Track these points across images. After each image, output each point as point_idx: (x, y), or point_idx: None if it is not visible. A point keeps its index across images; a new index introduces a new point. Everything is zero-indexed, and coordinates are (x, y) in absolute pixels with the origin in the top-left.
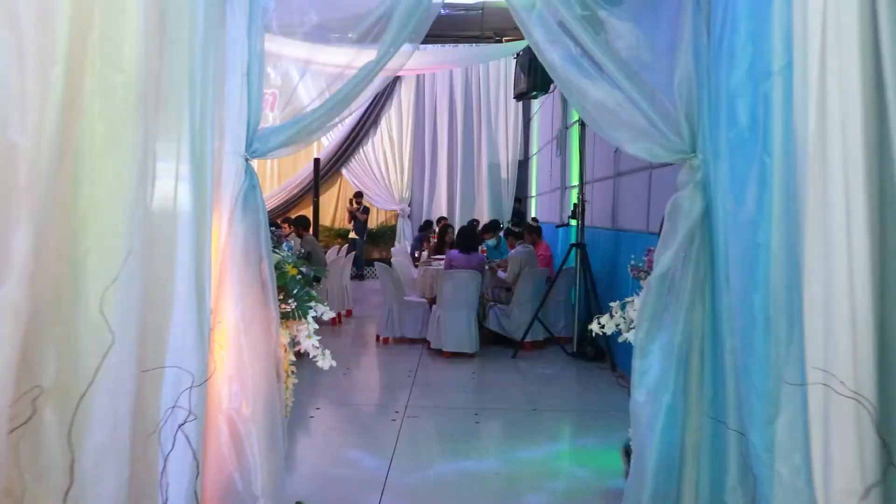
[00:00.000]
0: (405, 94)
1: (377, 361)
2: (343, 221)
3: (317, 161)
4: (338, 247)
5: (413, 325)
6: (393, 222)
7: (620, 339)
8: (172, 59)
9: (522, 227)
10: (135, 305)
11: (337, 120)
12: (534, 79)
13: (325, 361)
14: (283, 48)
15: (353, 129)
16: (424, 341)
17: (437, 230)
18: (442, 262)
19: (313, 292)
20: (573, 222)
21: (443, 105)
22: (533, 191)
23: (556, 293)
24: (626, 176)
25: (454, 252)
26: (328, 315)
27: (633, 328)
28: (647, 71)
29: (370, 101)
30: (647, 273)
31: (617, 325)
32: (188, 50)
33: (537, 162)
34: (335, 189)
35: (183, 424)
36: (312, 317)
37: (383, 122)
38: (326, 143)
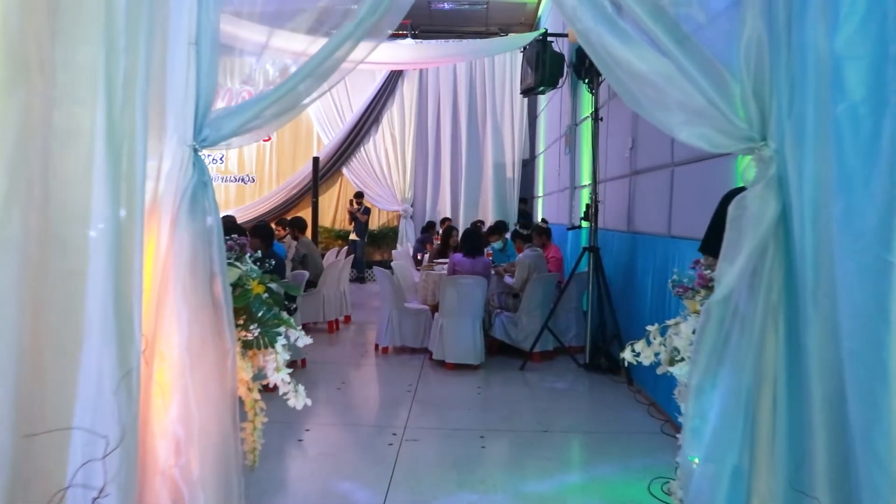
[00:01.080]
0: (408, 90)
1: (375, 373)
2: (343, 222)
3: (316, 160)
4: (337, 249)
5: (414, 333)
6: (395, 223)
7: (659, 371)
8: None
9: (531, 230)
10: (4, 349)
11: (294, 111)
12: (541, 73)
13: (297, 400)
14: (241, 31)
15: (354, 126)
16: (426, 351)
17: (440, 232)
18: (445, 266)
19: (284, 315)
20: (585, 224)
21: (446, 102)
22: (539, 190)
23: (566, 300)
24: (644, 174)
25: (458, 256)
26: (303, 341)
27: (679, 360)
28: (702, 33)
29: (372, 97)
30: (695, 291)
31: (656, 355)
32: None
33: (544, 161)
34: (335, 189)
35: None
36: (283, 345)
37: (385, 120)
38: (327, 142)
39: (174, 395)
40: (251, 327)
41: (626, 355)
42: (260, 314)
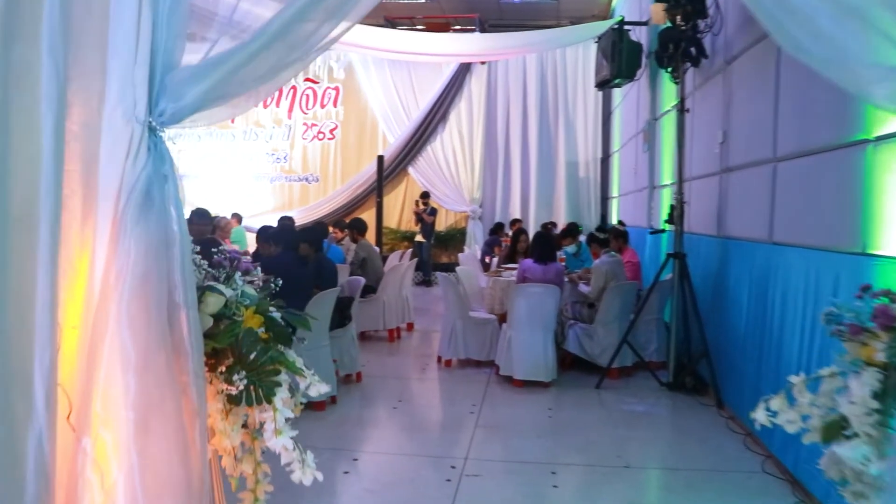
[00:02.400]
0: (476, 86)
1: (436, 390)
2: (409, 223)
3: (380, 158)
4: (400, 252)
5: (479, 345)
6: (462, 224)
7: (807, 441)
8: None
9: (608, 234)
10: None
11: (266, 83)
12: (618, 64)
13: (304, 473)
14: None
15: (421, 124)
16: (492, 364)
17: (510, 234)
18: (513, 272)
19: (290, 354)
20: (667, 227)
21: (516, 98)
22: (614, 191)
23: (647, 310)
24: (738, 171)
25: (528, 262)
26: (320, 391)
27: (853, 435)
28: None
29: (438, 94)
30: (873, 334)
31: (804, 420)
32: None
33: (619, 159)
34: (401, 189)
35: None
36: (284, 398)
37: (452, 117)
38: (392, 140)
39: (117, 479)
40: (235, 377)
41: (759, 416)
42: (252, 356)
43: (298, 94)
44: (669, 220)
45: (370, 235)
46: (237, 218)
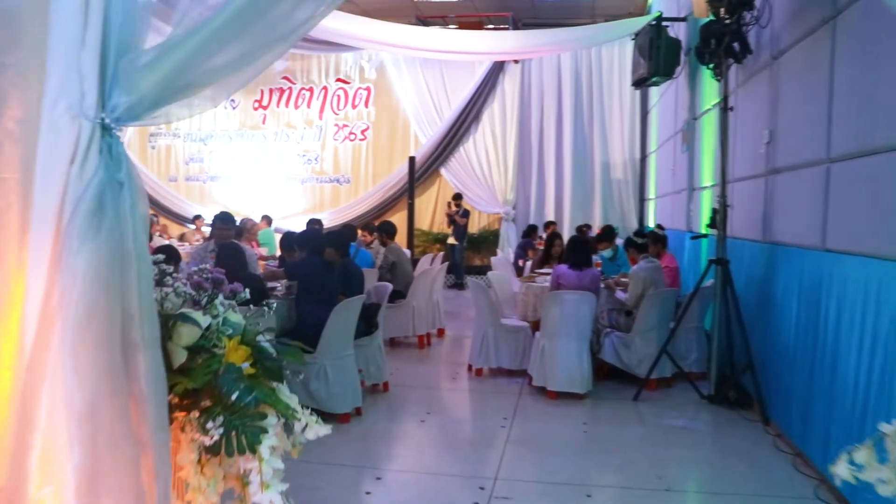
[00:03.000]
0: (509, 85)
1: (466, 401)
2: (441, 225)
3: (412, 159)
4: (431, 255)
5: (512, 353)
6: (496, 226)
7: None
8: None
9: (647, 238)
10: None
11: (240, 72)
12: (655, 62)
13: None
14: None
15: (453, 125)
16: (525, 374)
17: (543, 236)
18: (548, 277)
19: (283, 391)
20: (709, 232)
21: (550, 97)
22: (651, 192)
23: (687, 319)
24: (786, 173)
25: (562, 268)
26: (316, 432)
27: None
28: None
29: (471, 94)
30: None
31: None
32: None
33: (656, 160)
34: (433, 190)
35: None
36: (272, 446)
37: (485, 117)
38: (424, 141)
39: None
40: (210, 423)
41: (841, 471)
42: (234, 396)
43: (330, 94)
44: (711, 224)
45: (401, 238)
46: (267, 220)
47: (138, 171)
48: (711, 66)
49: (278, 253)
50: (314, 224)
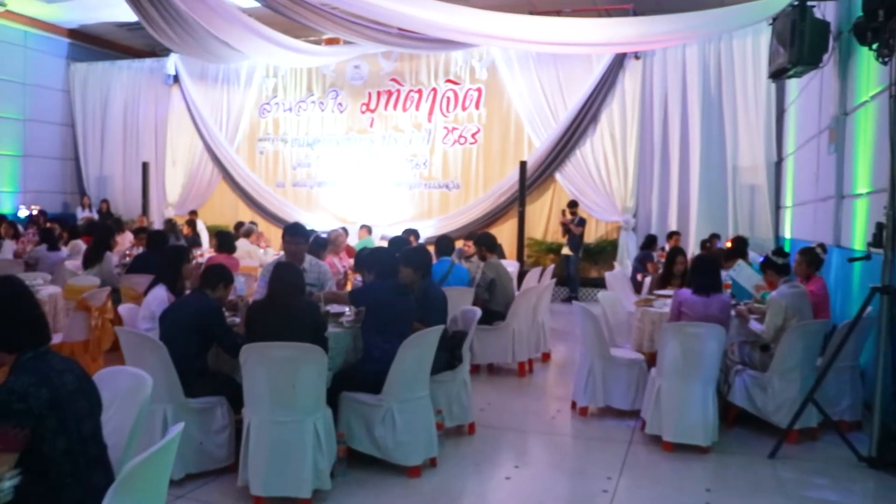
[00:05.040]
0: (629, 83)
1: (564, 451)
2: (556, 234)
3: (523, 164)
4: (540, 269)
5: (623, 390)
6: (614, 236)
7: None
8: None
9: (810, 255)
10: None
11: None
12: (798, 48)
13: None
14: None
15: (569, 126)
16: (637, 415)
17: (665, 248)
18: (668, 300)
19: None
20: (867, 250)
21: (675, 95)
22: (788, 200)
23: (839, 356)
24: None
25: (685, 293)
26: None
27: None
28: None
29: (588, 93)
30: None
31: None
32: None
33: (794, 163)
34: (547, 197)
35: None
36: None
37: (604, 118)
38: (538, 144)
39: None
40: None
41: None
42: None
43: (439, 96)
44: (875, 243)
45: (510, 248)
46: (366, 229)
47: None
48: (875, 45)
49: None
50: (409, 234)
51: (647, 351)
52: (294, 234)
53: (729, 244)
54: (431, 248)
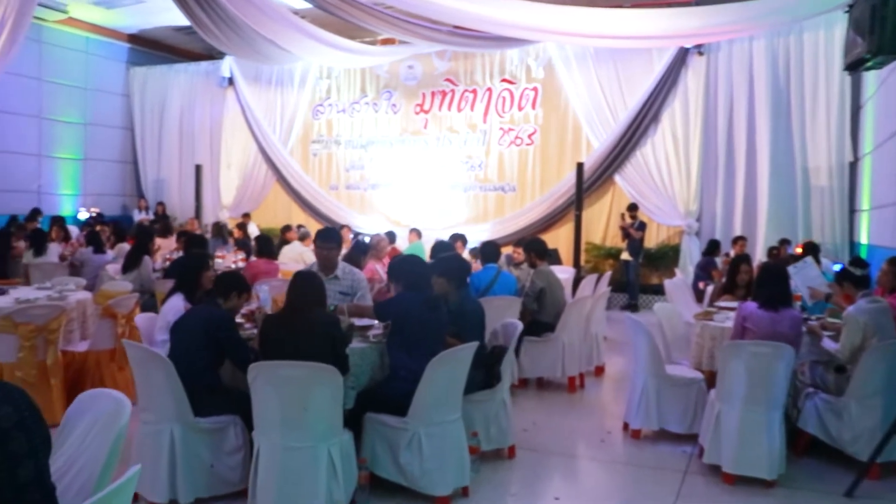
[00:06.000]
0: (692, 81)
1: (613, 480)
2: (615, 239)
3: (580, 166)
4: (595, 276)
5: (680, 412)
6: (676, 241)
7: None
8: None
9: (865, 269)
10: None
11: None
12: (878, 36)
13: None
14: None
15: (629, 126)
16: (695, 440)
17: (730, 254)
18: (731, 313)
19: None
20: None
21: (741, 92)
22: (864, 203)
23: None
24: None
25: (751, 307)
26: None
27: None
28: None
29: (650, 91)
30: None
31: None
32: None
33: (872, 164)
34: (606, 199)
35: None
36: None
37: (665, 118)
38: (597, 145)
39: None
40: None
41: None
42: None
43: (494, 96)
44: None
45: (567, 253)
46: (416, 233)
47: None
48: None
49: None
50: (455, 240)
51: (707, 369)
52: (326, 238)
53: (799, 250)
54: None
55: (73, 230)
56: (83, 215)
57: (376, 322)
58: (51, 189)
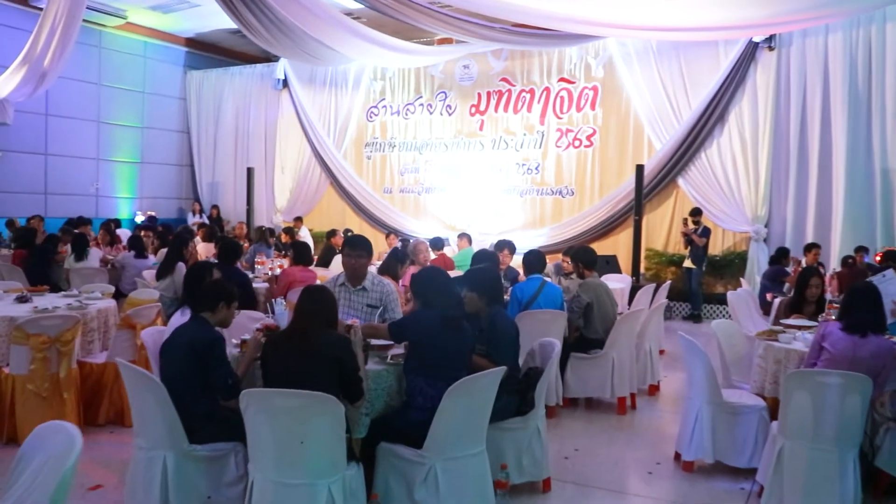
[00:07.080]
0: (761, 78)
1: None
2: (678, 245)
3: (639, 169)
4: (653, 286)
5: (737, 444)
6: (742, 248)
7: None
8: None
9: None
10: None
11: None
12: None
13: None
14: None
15: (693, 127)
16: (754, 476)
17: (804, 262)
18: (797, 331)
19: None
20: None
21: (814, 89)
22: None
23: None
24: None
25: (832, 327)
26: None
27: None
28: None
29: (715, 89)
30: None
31: None
32: None
33: None
34: (669, 204)
35: None
36: None
37: (732, 117)
38: (659, 147)
39: None
40: None
41: None
42: None
43: (552, 96)
44: None
45: (625, 261)
46: (466, 238)
47: None
48: None
49: None
50: (501, 248)
51: (770, 395)
52: (354, 246)
53: (878, 259)
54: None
55: (126, 233)
56: (139, 218)
57: (393, 343)
58: (108, 192)
